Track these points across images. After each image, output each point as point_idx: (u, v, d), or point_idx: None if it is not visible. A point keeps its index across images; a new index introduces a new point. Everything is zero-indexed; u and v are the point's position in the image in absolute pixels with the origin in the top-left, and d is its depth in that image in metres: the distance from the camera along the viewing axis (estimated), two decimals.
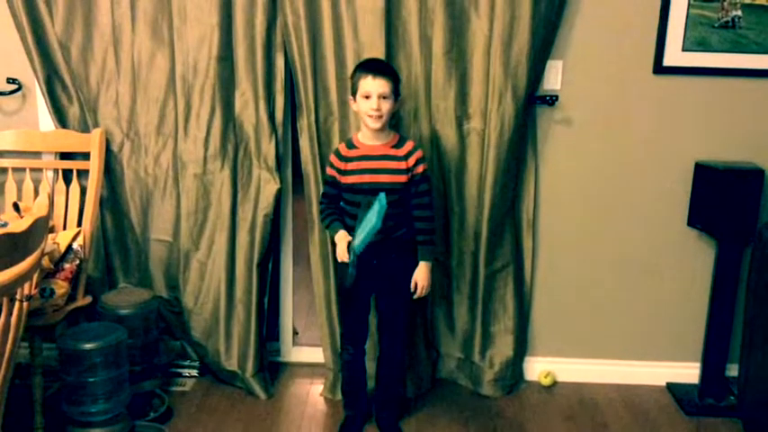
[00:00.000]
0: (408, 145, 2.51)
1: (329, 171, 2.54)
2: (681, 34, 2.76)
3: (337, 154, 2.52)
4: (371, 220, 2.24)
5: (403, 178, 2.48)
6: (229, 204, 2.87)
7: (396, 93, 2.44)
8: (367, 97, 2.40)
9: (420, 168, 2.50)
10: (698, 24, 2.75)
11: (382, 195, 2.24)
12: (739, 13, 2.74)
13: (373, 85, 2.38)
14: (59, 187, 2.87)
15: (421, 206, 2.52)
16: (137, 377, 2.66)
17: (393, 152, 2.48)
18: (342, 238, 2.46)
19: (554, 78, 2.81)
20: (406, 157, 2.48)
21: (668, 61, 2.79)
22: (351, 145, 2.52)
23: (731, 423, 2.80)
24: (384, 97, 2.39)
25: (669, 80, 2.81)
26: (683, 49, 2.78)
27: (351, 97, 2.49)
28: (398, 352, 2.68)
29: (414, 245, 2.53)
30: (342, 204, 2.54)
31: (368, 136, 2.49)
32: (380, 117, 2.40)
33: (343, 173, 2.48)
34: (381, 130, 2.45)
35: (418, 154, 2.50)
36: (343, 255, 2.43)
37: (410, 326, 2.85)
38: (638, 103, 2.84)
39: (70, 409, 2.43)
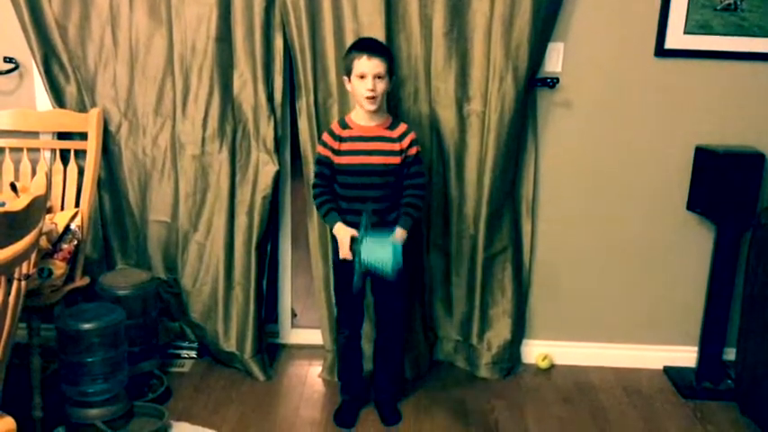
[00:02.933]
0: (402, 127, 2.50)
1: (323, 151, 2.49)
2: (683, 17, 2.75)
3: (331, 133, 2.49)
4: (382, 258, 2.26)
5: (396, 160, 2.47)
6: (228, 186, 2.86)
7: (390, 72, 2.43)
8: (362, 77, 2.38)
9: (413, 150, 2.49)
10: (700, 7, 2.74)
11: (364, 216, 2.26)
12: None
13: (368, 66, 2.36)
14: (57, 167, 2.86)
15: (413, 186, 2.52)
16: (135, 358, 2.66)
17: (387, 133, 2.47)
18: (340, 230, 2.44)
19: (555, 60, 2.80)
20: (399, 139, 2.47)
21: (670, 44, 2.77)
22: (344, 125, 2.50)
23: (728, 406, 2.81)
24: (379, 77, 2.37)
25: (671, 63, 2.80)
26: (685, 32, 2.76)
27: (345, 77, 2.47)
28: (396, 335, 2.68)
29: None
30: (335, 187, 2.52)
31: (362, 116, 2.47)
32: (375, 98, 2.39)
33: (337, 153, 2.46)
34: (376, 110, 2.44)
35: (412, 136, 2.49)
36: (346, 254, 2.42)
37: (408, 308, 2.84)
38: (640, 85, 2.83)
39: (69, 390, 2.43)
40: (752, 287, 2.70)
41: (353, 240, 2.41)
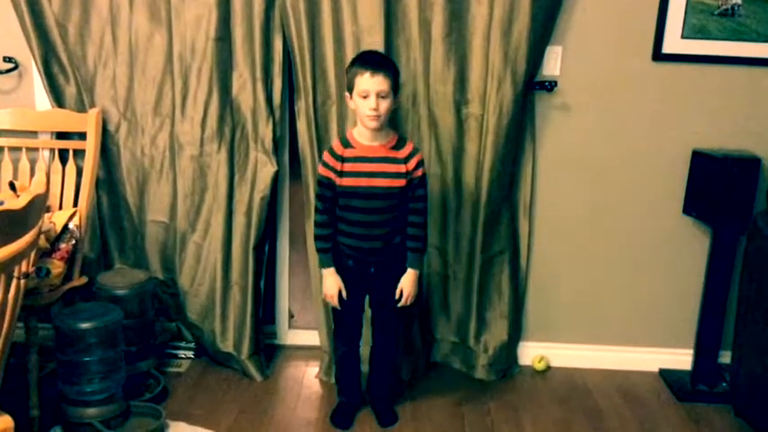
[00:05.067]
0: (408, 147, 2.39)
1: (324, 171, 2.38)
2: (680, 21, 2.76)
3: (333, 153, 2.36)
4: None
5: (401, 182, 2.37)
6: (226, 186, 2.87)
7: (395, 88, 2.31)
8: (365, 96, 2.26)
9: (419, 172, 2.40)
10: (697, 12, 2.75)
11: None
12: (739, 1, 2.74)
13: (371, 83, 2.23)
14: (55, 167, 2.86)
15: (416, 212, 2.45)
16: (132, 358, 2.67)
17: (392, 154, 2.36)
18: (330, 279, 2.45)
19: (553, 64, 2.81)
20: (405, 160, 2.37)
21: (667, 48, 2.78)
22: (346, 143, 2.37)
23: (723, 409, 2.82)
24: (383, 96, 2.25)
25: (668, 67, 2.81)
26: (683, 37, 2.77)
27: (347, 93, 2.36)
28: (392, 345, 2.67)
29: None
30: (336, 209, 2.43)
31: (365, 135, 2.35)
32: (379, 117, 2.26)
33: (339, 174, 2.36)
34: (380, 129, 2.33)
35: (418, 157, 2.39)
36: (333, 303, 2.48)
37: (405, 315, 2.83)
38: (637, 90, 2.84)
39: (66, 389, 2.43)
40: (747, 290, 2.71)
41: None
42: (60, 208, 2.82)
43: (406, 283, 2.48)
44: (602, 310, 3.08)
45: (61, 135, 2.89)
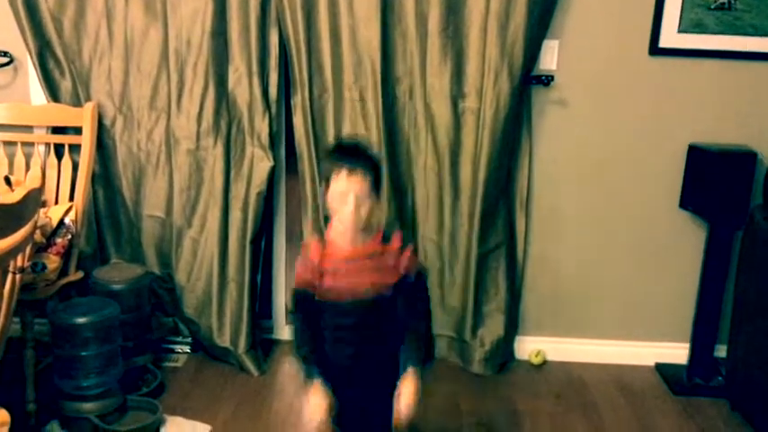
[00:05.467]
0: (396, 241, 1.90)
1: (299, 284, 1.91)
2: (677, 16, 2.76)
3: (309, 264, 1.88)
4: None
5: (393, 280, 1.88)
6: (222, 181, 2.86)
7: (378, 183, 1.85)
8: (342, 195, 1.79)
9: (413, 269, 1.91)
10: (694, 6, 2.75)
11: None
12: None
13: (349, 185, 1.77)
14: (51, 162, 2.85)
15: (416, 315, 1.93)
16: (129, 352, 2.67)
17: (379, 251, 1.88)
18: (315, 398, 1.82)
19: (550, 58, 2.81)
20: (395, 257, 1.89)
21: (664, 43, 2.78)
22: (324, 245, 1.90)
23: (719, 403, 2.82)
24: (362, 197, 1.79)
25: (664, 62, 2.81)
26: (679, 31, 2.77)
27: (323, 184, 1.87)
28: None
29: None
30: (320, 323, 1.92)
31: (345, 236, 1.86)
32: (359, 221, 1.80)
33: (319, 286, 1.88)
34: (363, 230, 1.85)
35: (408, 251, 1.90)
36: (315, 422, 1.83)
37: None
38: (634, 84, 2.84)
39: (62, 384, 2.43)
40: (743, 284, 2.72)
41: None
42: (56, 203, 2.81)
43: (407, 391, 1.82)
44: (599, 304, 3.08)
45: (57, 130, 2.88)
